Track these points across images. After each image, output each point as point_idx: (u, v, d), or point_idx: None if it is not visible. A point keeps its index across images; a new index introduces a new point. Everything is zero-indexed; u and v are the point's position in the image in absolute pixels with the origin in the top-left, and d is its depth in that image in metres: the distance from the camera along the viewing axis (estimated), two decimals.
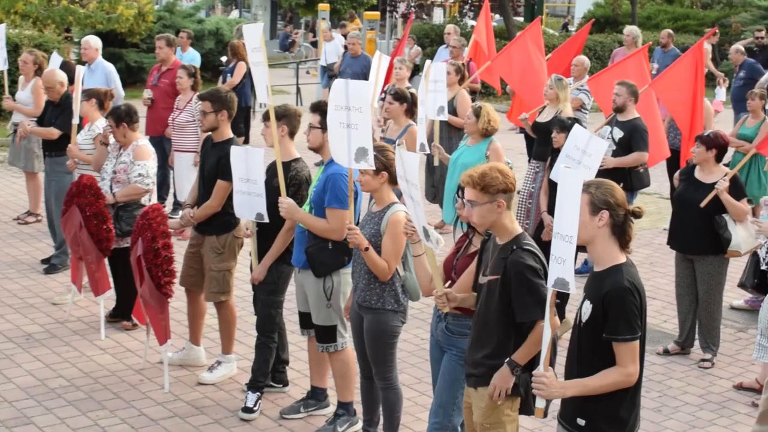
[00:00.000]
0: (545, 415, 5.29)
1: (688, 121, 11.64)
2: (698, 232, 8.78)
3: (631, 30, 18.26)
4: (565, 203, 4.76)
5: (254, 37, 7.56)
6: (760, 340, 6.62)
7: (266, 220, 7.42)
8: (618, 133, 10.77)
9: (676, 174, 9.48)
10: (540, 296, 5.26)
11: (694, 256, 8.91)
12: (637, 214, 4.95)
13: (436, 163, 11.80)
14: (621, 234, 4.92)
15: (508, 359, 5.40)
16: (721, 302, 8.97)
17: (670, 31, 20.33)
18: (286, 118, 7.49)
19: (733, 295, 10.49)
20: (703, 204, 8.73)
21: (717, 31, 20.14)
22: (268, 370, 7.81)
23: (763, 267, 8.20)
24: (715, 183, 8.73)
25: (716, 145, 8.81)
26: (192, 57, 16.49)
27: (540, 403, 5.10)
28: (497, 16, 36.65)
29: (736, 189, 8.76)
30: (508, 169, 5.62)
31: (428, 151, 9.47)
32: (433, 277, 5.85)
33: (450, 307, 5.81)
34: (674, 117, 11.63)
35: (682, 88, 11.40)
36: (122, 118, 8.95)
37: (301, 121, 7.70)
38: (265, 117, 7.67)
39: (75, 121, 10.07)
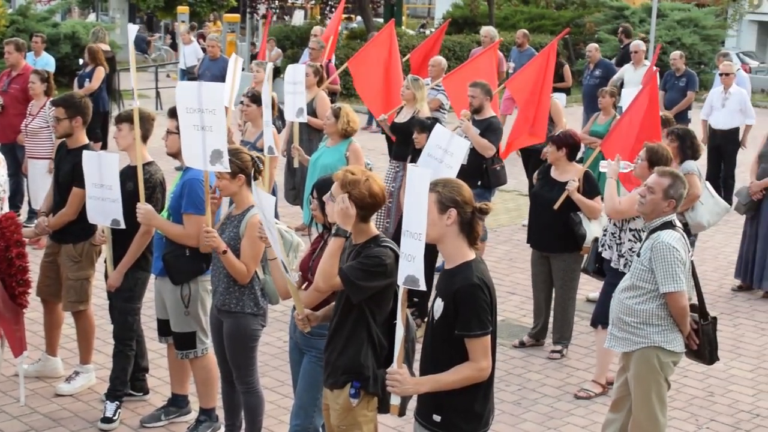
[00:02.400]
0: (403, 413, 5.33)
1: (532, 119, 11.83)
2: (553, 230, 8.98)
3: (488, 30, 18.56)
4: (414, 201, 4.81)
5: (130, 37, 7.54)
6: (611, 329, 6.83)
7: (122, 226, 7.32)
8: (474, 131, 10.91)
9: (536, 173, 9.67)
10: (365, 278, 5.34)
11: (550, 254, 9.13)
12: (484, 211, 5.04)
13: (296, 164, 11.81)
14: (469, 231, 5.00)
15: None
16: (575, 297, 9.22)
17: (526, 31, 20.73)
18: (139, 121, 7.39)
19: (590, 287, 10.78)
20: (556, 206, 8.92)
21: (570, 30, 20.62)
22: (127, 378, 7.70)
23: (600, 249, 8.47)
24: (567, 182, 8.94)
25: (566, 144, 9.02)
26: (46, 62, 16.13)
27: (395, 400, 5.14)
28: (358, 18, 36.86)
29: (590, 186, 8.98)
30: (381, 185, 5.60)
31: (275, 153, 9.44)
32: (295, 302, 5.85)
33: (312, 326, 5.83)
34: (523, 115, 11.85)
35: (534, 88, 11.63)
36: None
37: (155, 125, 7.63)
38: (117, 120, 7.57)
39: None
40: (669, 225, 6.56)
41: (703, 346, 6.77)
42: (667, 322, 6.55)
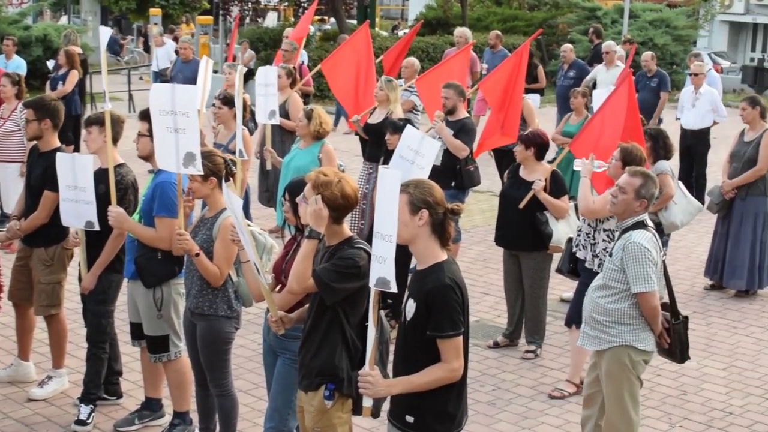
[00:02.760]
0: (377, 414, 5.34)
1: (503, 119, 11.86)
2: (521, 228, 9.02)
3: (462, 31, 18.61)
4: (385, 203, 4.81)
5: (103, 40, 7.48)
6: (584, 328, 6.88)
7: (97, 228, 7.29)
8: (448, 133, 10.92)
9: (506, 172, 9.70)
10: (339, 280, 5.34)
11: (519, 252, 9.16)
12: (456, 212, 5.05)
13: (268, 166, 11.78)
14: (441, 232, 5.00)
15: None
16: (546, 296, 9.24)
17: (498, 32, 20.80)
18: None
19: (564, 287, 10.82)
20: (521, 205, 8.96)
21: (543, 31, 20.72)
22: (101, 381, 7.67)
23: (573, 249, 8.51)
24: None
25: (534, 143, 9.05)
26: (17, 65, 16.05)
27: (367, 402, 5.13)
28: (331, 19, 36.84)
29: (557, 186, 9.01)
30: (353, 187, 5.59)
31: (246, 157, 9.42)
32: (268, 305, 5.85)
33: (286, 328, 5.83)
34: (495, 116, 11.88)
35: (506, 88, 11.67)
36: None
37: (124, 127, 7.60)
38: (86, 123, 7.54)
39: None
40: (641, 225, 6.59)
41: (674, 345, 6.81)
42: (638, 321, 6.60)
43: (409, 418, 5.03)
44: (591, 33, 22.26)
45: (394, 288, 4.87)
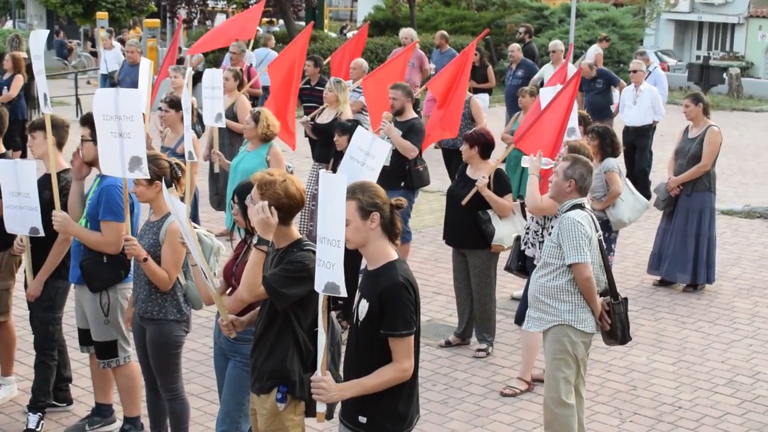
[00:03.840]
0: (330, 416, 5.33)
1: (442, 114, 11.96)
2: (465, 226, 9.06)
3: (407, 32, 18.63)
4: (329, 207, 4.78)
5: (38, 44, 7.36)
6: (529, 311, 7.01)
7: (41, 234, 7.22)
8: (397, 133, 10.93)
9: (457, 172, 9.73)
10: (289, 285, 5.34)
11: (465, 250, 9.20)
12: (400, 206, 5.08)
13: (216, 169, 11.74)
14: (390, 229, 5.03)
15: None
16: (493, 293, 9.26)
17: (444, 32, 20.85)
18: (54, 128, 7.27)
19: (514, 286, 10.87)
20: (464, 202, 9.01)
21: (490, 31, 20.84)
22: (50, 388, 7.59)
23: (522, 247, 8.57)
24: None
25: (478, 142, 9.08)
26: None
27: (320, 407, 5.11)
28: (280, 21, 36.76)
29: (501, 184, 9.04)
30: (299, 187, 5.58)
31: (195, 159, 9.35)
32: (219, 309, 5.82)
33: (237, 332, 5.81)
34: (439, 111, 11.95)
35: (450, 85, 11.75)
36: None
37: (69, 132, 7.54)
38: (30, 128, 7.47)
39: None
40: (578, 206, 6.88)
41: (615, 326, 7.00)
42: (576, 298, 6.81)
43: (362, 419, 5.03)
44: (523, 32, 22.44)
45: (344, 293, 4.85)
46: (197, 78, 18.33)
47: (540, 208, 8.20)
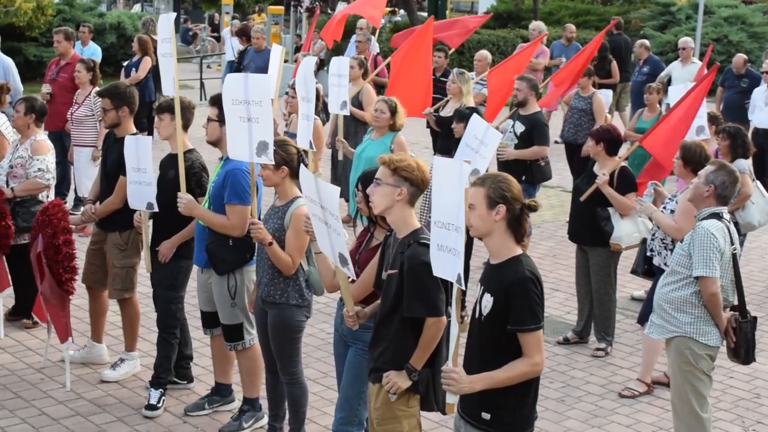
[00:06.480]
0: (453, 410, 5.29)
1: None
2: (585, 223, 8.94)
3: (537, 25, 18.53)
4: (446, 192, 4.77)
5: (166, 27, 7.47)
6: (652, 316, 6.85)
7: (156, 209, 7.34)
8: (519, 127, 10.89)
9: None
10: (428, 294, 5.31)
11: (586, 247, 9.07)
12: (533, 208, 5.00)
13: (340, 157, 11.79)
14: (516, 227, 4.96)
15: (406, 364, 5.42)
16: (613, 293, 9.11)
17: (572, 26, 20.62)
18: (180, 110, 7.32)
19: (634, 286, 10.70)
20: (583, 198, 8.89)
21: (616, 24, 20.45)
22: (171, 366, 7.74)
23: (649, 253, 8.40)
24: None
25: (603, 138, 8.93)
26: (92, 51, 16.25)
27: (451, 399, 5.05)
28: (401, 11, 36.80)
29: (624, 181, 8.87)
30: (428, 170, 5.58)
31: (314, 149, 9.41)
32: (345, 299, 5.81)
33: (360, 322, 5.81)
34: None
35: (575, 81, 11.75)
36: (34, 109, 8.81)
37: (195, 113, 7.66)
38: (158, 110, 7.59)
39: None
40: (715, 216, 6.60)
41: (740, 345, 6.75)
42: (700, 311, 6.58)
43: (485, 415, 4.96)
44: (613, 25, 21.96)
45: (462, 283, 4.81)
46: (320, 65, 18.47)
47: (679, 229, 7.78)
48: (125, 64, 16.89)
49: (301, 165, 6.27)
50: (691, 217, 7.13)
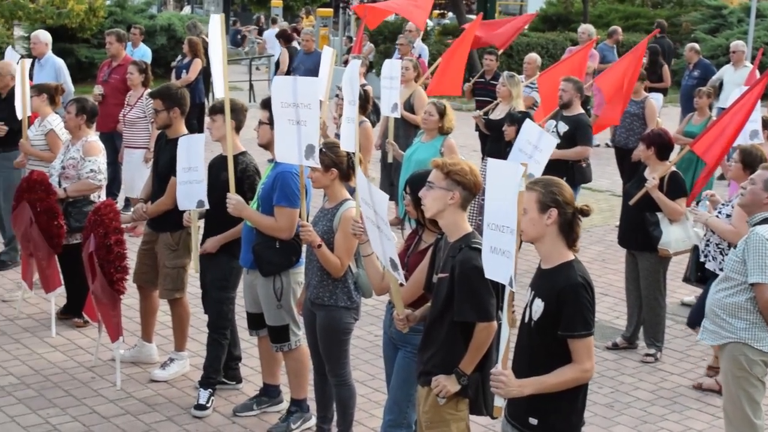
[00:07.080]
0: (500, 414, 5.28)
1: (617, 113, 11.94)
2: (634, 227, 8.88)
3: (586, 28, 18.42)
4: (500, 195, 4.75)
5: (217, 28, 7.50)
6: (704, 322, 6.77)
7: (207, 206, 7.39)
8: (563, 127, 10.89)
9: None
10: (479, 298, 5.30)
11: (635, 252, 9.01)
12: (585, 213, 4.97)
13: (390, 159, 11.81)
14: (568, 232, 4.93)
15: (456, 368, 5.41)
16: (663, 298, 9.03)
17: (619, 28, 20.52)
18: (233, 112, 7.34)
19: (685, 291, 10.60)
20: (632, 202, 8.84)
21: (660, 26, 20.29)
22: (220, 366, 7.79)
23: (702, 259, 8.30)
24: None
25: (654, 142, 8.87)
26: (143, 53, 16.34)
27: (499, 402, 5.02)
28: (450, 14, 36.77)
29: (674, 186, 8.80)
30: (479, 174, 5.58)
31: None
32: (395, 303, 5.81)
33: (410, 326, 5.81)
34: (609, 110, 11.90)
35: (620, 83, 11.68)
36: (85, 110, 8.91)
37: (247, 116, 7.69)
38: (211, 111, 7.64)
39: (20, 115, 9.88)
40: None
41: None
42: (755, 317, 6.47)
43: (533, 420, 4.93)
44: (656, 27, 21.77)
45: (514, 286, 4.80)
46: (368, 68, 18.50)
47: (737, 232, 7.58)
48: (173, 65, 16.99)
49: (359, 170, 6.26)
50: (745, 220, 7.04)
